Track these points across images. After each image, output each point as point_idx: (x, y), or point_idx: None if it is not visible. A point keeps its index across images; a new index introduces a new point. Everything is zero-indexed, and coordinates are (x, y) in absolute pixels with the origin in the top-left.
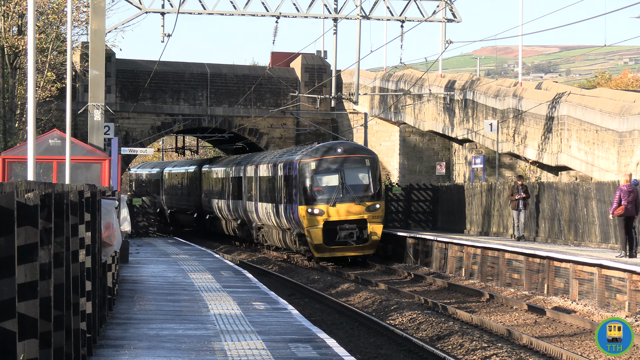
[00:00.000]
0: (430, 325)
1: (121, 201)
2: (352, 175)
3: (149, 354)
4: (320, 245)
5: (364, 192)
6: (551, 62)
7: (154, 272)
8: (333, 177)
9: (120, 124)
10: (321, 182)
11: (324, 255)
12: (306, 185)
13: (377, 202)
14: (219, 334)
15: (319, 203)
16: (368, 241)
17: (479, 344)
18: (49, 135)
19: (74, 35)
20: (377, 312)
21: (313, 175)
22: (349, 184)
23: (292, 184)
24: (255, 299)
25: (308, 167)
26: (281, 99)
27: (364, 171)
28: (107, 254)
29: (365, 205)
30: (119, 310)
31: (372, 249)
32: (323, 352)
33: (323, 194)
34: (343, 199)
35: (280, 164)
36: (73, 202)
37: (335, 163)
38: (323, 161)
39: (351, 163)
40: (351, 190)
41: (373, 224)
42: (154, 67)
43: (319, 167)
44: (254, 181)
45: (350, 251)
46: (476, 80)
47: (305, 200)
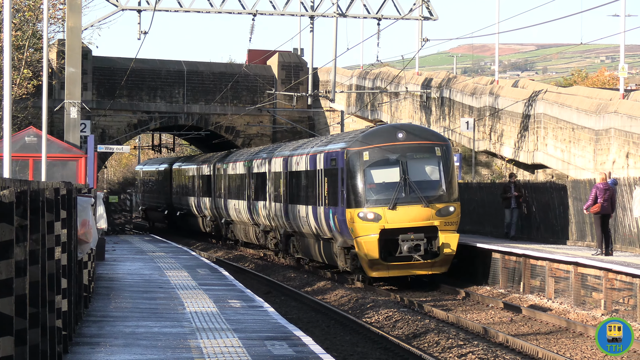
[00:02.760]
0: (407, 323)
1: (97, 198)
2: (418, 169)
3: (125, 351)
4: (375, 261)
5: (434, 191)
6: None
7: (130, 269)
8: (392, 171)
9: (97, 121)
10: (376, 177)
11: (381, 274)
12: (356, 182)
13: (450, 204)
14: (195, 332)
15: (373, 205)
16: (439, 256)
17: (455, 342)
18: (25, 133)
19: (50, 32)
20: (354, 310)
21: (365, 169)
22: (413, 180)
23: (336, 180)
24: (232, 296)
25: (358, 158)
26: (258, 96)
27: (433, 163)
28: (83, 252)
29: (436, 208)
30: (95, 307)
31: (445, 267)
32: (299, 349)
33: (379, 194)
34: (406, 199)
35: (319, 155)
36: (49, 199)
37: (396, 152)
38: (379, 150)
39: (417, 152)
40: (417, 188)
41: (446, 233)
42: (130, 65)
43: (373, 157)
44: (283, 177)
45: (416, 269)
46: (453, 78)
47: (355, 201)
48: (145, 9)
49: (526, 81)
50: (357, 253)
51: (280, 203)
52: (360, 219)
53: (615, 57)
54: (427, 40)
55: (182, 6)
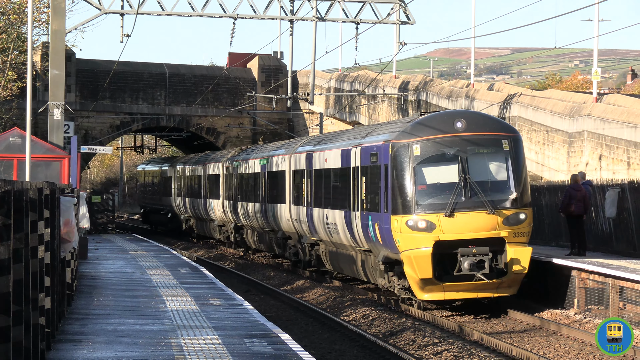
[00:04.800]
0: (384, 321)
1: (80, 198)
2: (481, 166)
3: (107, 348)
4: (428, 280)
5: (501, 194)
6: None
7: (113, 268)
8: (449, 168)
9: (80, 122)
10: (430, 177)
11: (434, 296)
12: (404, 183)
13: (521, 211)
14: (176, 329)
15: (426, 211)
16: (507, 274)
17: (430, 339)
18: (10, 134)
19: (34, 35)
20: (332, 309)
21: (416, 166)
22: (475, 181)
23: (378, 180)
24: (212, 295)
25: (407, 152)
26: (238, 98)
27: (499, 159)
28: (65, 250)
29: (503, 215)
30: (77, 305)
31: (513, 288)
32: (278, 347)
33: (433, 197)
34: (467, 204)
35: (354, 150)
36: (32, 199)
37: (454, 146)
38: (432, 143)
39: (479, 146)
40: (480, 190)
41: (515, 246)
42: (113, 67)
43: (425, 152)
44: (306, 176)
45: (478, 291)
46: (429, 81)
47: (403, 206)
48: (128, 12)
49: (501, 84)
50: (405, 270)
51: (303, 206)
52: (409, 228)
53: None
54: (404, 44)
55: (165, 9)
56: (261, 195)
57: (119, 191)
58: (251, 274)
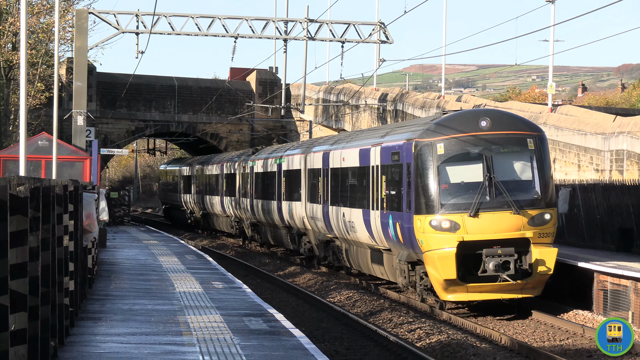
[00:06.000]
0: (365, 302)
1: (100, 194)
2: (505, 166)
3: (123, 325)
4: (452, 281)
5: (527, 194)
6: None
7: (128, 255)
8: (474, 168)
9: (100, 128)
10: (454, 176)
11: (458, 297)
12: (428, 182)
13: (546, 211)
14: (184, 309)
15: (450, 211)
16: (532, 275)
17: (405, 319)
18: (38, 138)
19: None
20: (319, 291)
21: (440, 165)
22: (500, 180)
23: (400, 179)
24: (215, 279)
25: (431, 151)
26: (238, 108)
27: (525, 158)
28: (87, 240)
29: (529, 215)
30: (97, 288)
31: (538, 289)
32: (272, 324)
33: (457, 197)
34: (491, 204)
35: (374, 149)
36: (58, 194)
37: (478, 145)
38: (457, 142)
39: (504, 145)
40: (505, 190)
41: (540, 247)
42: (129, 80)
43: (449, 151)
44: (322, 175)
45: (503, 292)
46: (405, 94)
47: (427, 206)
48: (142, 32)
49: (468, 96)
50: (428, 270)
51: (319, 204)
52: (432, 228)
53: (544, 76)
54: (383, 61)
55: (174, 29)
56: (276, 193)
57: (133, 188)
58: (249, 260)
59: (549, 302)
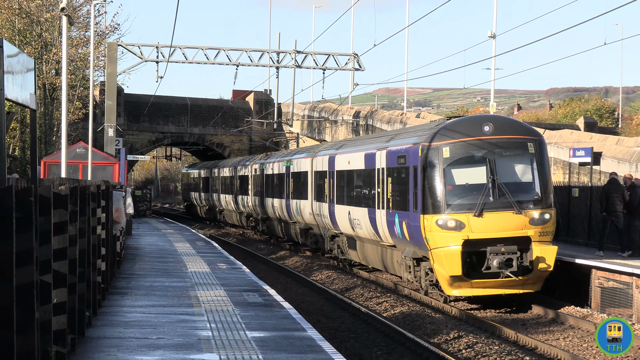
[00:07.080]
0: (341, 280)
1: (126, 192)
2: (508, 168)
3: (145, 299)
4: (457, 277)
5: (528, 195)
6: (426, 99)
7: (149, 241)
8: (478, 170)
9: (127, 138)
10: (459, 178)
11: (462, 292)
12: (434, 183)
13: (546, 211)
14: (194, 285)
15: (455, 211)
16: (532, 271)
17: (374, 294)
18: (77, 146)
19: (94, 76)
20: (305, 272)
21: (445, 168)
22: (503, 182)
23: (406, 181)
24: (220, 261)
25: (437, 154)
26: (239, 122)
27: (525, 161)
28: (116, 229)
29: (530, 215)
30: (124, 268)
31: (538, 285)
32: (266, 298)
33: (462, 197)
34: (495, 205)
35: (380, 153)
36: (93, 192)
37: (482, 148)
38: (462, 145)
39: (506, 148)
40: (507, 191)
41: (541, 245)
42: (150, 99)
43: (455, 154)
44: (328, 176)
45: (505, 287)
46: (374, 111)
47: (433, 206)
48: (161, 60)
49: (426, 114)
50: (434, 267)
51: (325, 203)
52: (439, 227)
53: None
54: (357, 85)
55: (187, 59)
56: (285, 192)
57: (154, 187)
58: (248, 246)
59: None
